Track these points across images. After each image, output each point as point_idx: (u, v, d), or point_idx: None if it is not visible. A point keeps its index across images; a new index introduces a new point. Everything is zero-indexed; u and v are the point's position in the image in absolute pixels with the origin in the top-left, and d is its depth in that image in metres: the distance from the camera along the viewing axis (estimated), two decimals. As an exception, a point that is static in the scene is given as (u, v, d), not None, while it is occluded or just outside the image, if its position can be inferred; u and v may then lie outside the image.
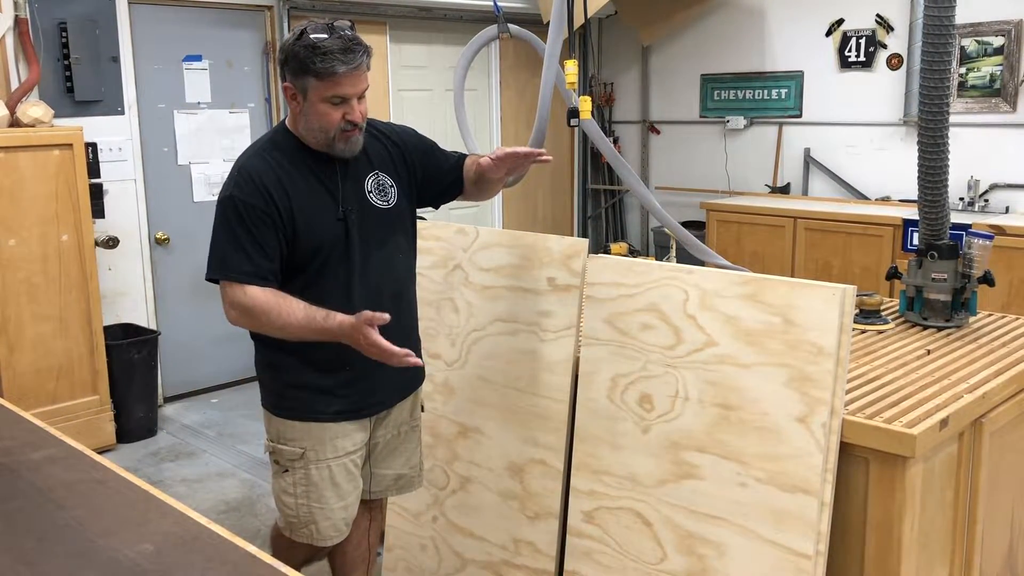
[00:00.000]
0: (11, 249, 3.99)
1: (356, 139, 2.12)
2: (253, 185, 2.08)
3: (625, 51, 7.19)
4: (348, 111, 2.07)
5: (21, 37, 4.28)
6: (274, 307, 2.05)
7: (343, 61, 2.00)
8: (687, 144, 6.97)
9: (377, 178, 2.23)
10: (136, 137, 4.79)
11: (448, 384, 2.67)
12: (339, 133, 2.09)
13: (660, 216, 3.02)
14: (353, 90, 2.05)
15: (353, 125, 2.09)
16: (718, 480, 2.06)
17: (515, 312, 2.49)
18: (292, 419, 2.22)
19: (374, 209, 2.20)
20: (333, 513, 2.25)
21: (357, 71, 2.03)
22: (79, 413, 4.22)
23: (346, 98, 2.05)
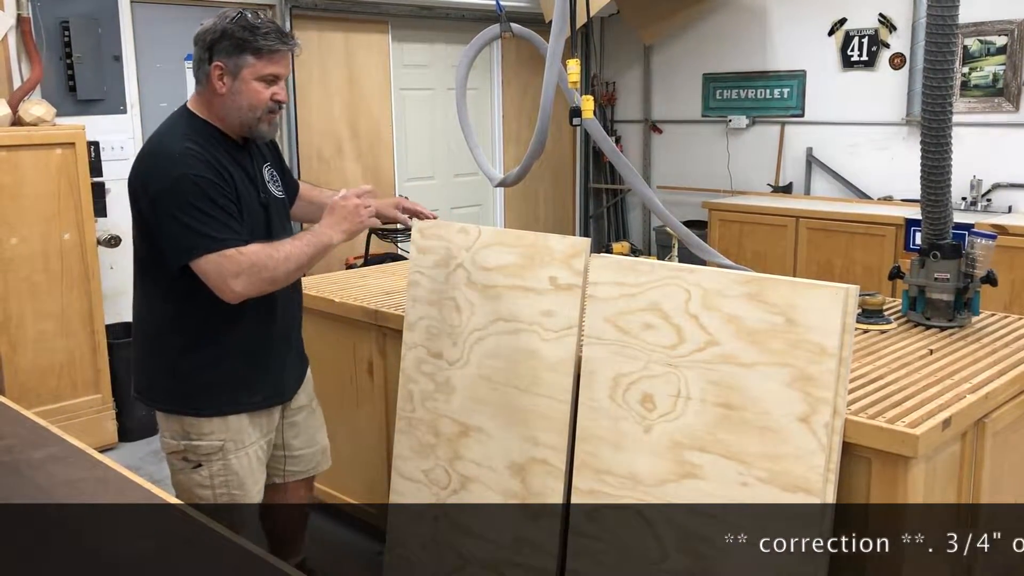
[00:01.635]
0: (13, 247, 3.99)
1: (276, 122, 2.24)
2: (199, 161, 2.08)
3: (627, 50, 7.18)
4: (277, 91, 2.17)
5: (23, 36, 4.29)
6: (270, 252, 2.10)
7: (283, 41, 2.14)
8: (689, 143, 6.97)
9: (270, 168, 2.35)
10: (138, 136, 4.78)
11: (450, 383, 2.66)
12: (265, 114, 2.17)
13: (662, 215, 3.01)
14: (285, 71, 2.17)
15: (279, 105, 2.19)
16: (720, 480, 2.06)
17: (517, 311, 2.49)
18: (209, 416, 2.26)
19: (275, 197, 2.33)
20: (253, 497, 2.35)
21: (288, 52, 2.17)
22: (81, 411, 4.22)
23: (278, 77, 2.16)
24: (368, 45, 5.80)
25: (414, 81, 6.13)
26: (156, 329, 2.28)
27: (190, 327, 2.23)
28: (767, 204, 5.88)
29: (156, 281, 2.24)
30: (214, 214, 2.06)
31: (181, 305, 2.21)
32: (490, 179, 3.38)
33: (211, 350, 2.23)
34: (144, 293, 2.31)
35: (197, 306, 2.17)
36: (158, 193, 2.07)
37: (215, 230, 2.05)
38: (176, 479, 2.34)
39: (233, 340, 2.23)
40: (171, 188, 2.05)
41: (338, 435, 3.16)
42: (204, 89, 2.18)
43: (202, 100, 2.19)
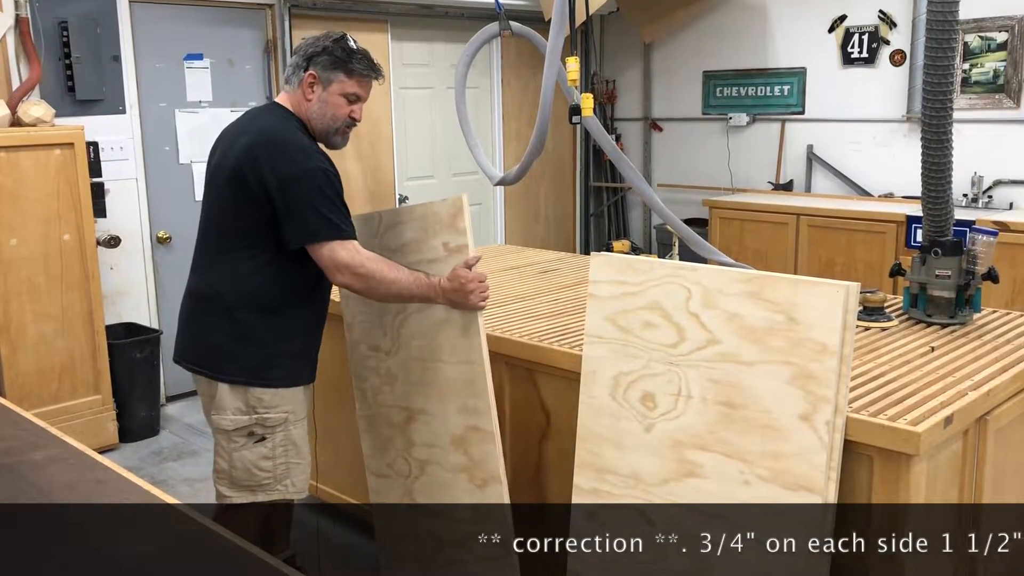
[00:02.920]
0: (13, 249, 3.99)
1: (348, 137, 2.46)
2: (326, 157, 2.35)
3: (627, 48, 7.17)
4: (356, 110, 2.42)
5: (22, 36, 4.28)
6: (383, 263, 2.33)
7: (375, 70, 2.43)
8: (689, 141, 6.96)
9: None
10: (137, 136, 4.78)
11: (390, 372, 2.69)
12: (342, 127, 2.42)
13: (662, 213, 3.01)
14: (366, 95, 2.42)
15: (354, 123, 2.43)
16: (721, 478, 2.06)
17: None
18: (279, 387, 2.40)
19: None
20: (307, 466, 2.53)
21: (372, 82, 2.43)
22: (81, 413, 4.22)
23: (360, 99, 2.41)
24: (367, 44, 5.74)
25: (414, 80, 6.13)
26: (235, 301, 2.37)
27: (275, 300, 2.38)
28: (768, 202, 5.87)
29: (246, 256, 2.36)
30: (339, 205, 2.30)
31: (271, 279, 2.36)
32: (490, 178, 3.38)
33: (289, 323, 2.40)
34: (223, 267, 2.40)
35: (285, 281, 2.37)
36: (290, 177, 2.27)
37: (340, 220, 2.29)
38: (235, 456, 2.43)
39: (305, 316, 2.45)
40: (306, 176, 2.27)
41: (338, 436, 3.16)
42: (293, 92, 2.41)
43: (291, 101, 2.42)
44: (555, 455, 2.62)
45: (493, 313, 2.88)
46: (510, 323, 2.81)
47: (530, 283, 3.38)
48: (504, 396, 2.68)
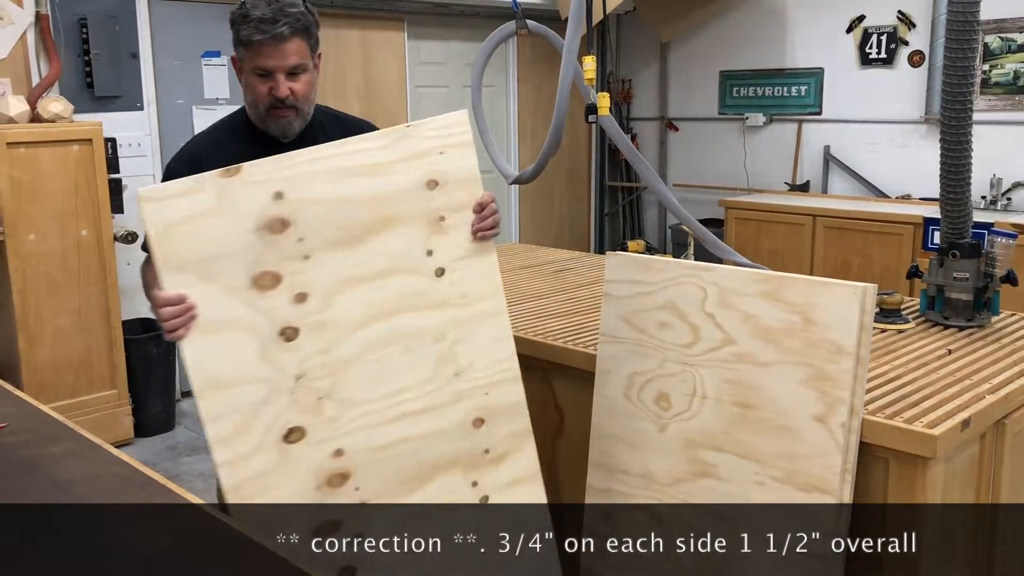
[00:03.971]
0: (31, 244, 4.02)
1: (288, 121, 2.01)
2: (186, 152, 2.10)
3: (644, 47, 7.16)
4: (273, 86, 1.95)
5: (42, 33, 4.31)
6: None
7: (260, 30, 1.90)
8: (706, 141, 6.94)
9: None
10: (155, 133, 4.81)
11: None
12: (267, 111, 1.99)
13: (678, 213, 3.00)
14: (276, 63, 1.93)
15: (280, 102, 1.97)
16: (735, 479, 2.05)
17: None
18: None
19: None
20: None
21: (277, 42, 1.91)
22: (97, 407, 4.25)
23: (269, 71, 1.94)
24: (384, 43, 5.80)
25: (430, 79, 6.14)
26: None
27: None
28: (784, 202, 5.84)
29: None
30: None
31: None
32: (505, 176, 3.38)
33: None
34: None
35: None
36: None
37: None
38: None
39: None
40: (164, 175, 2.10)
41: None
42: None
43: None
44: (568, 454, 2.62)
45: (508, 312, 2.88)
46: (524, 322, 2.81)
47: (544, 282, 3.38)
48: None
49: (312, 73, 2.02)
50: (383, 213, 1.89)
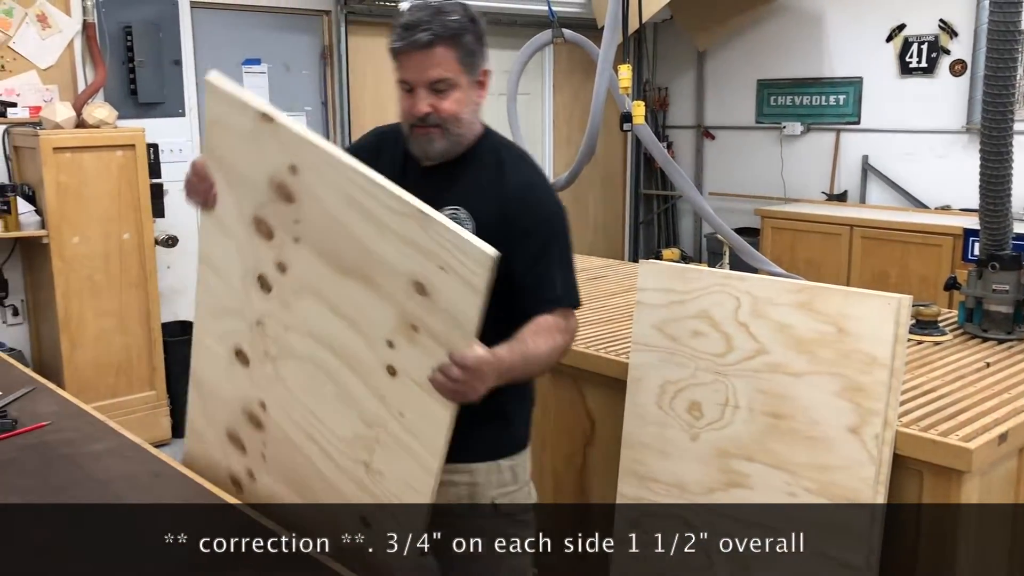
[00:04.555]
0: (75, 247, 4.10)
1: (429, 138, 1.74)
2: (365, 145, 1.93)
3: (680, 56, 7.14)
4: (416, 102, 1.72)
5: (88, 41, 4.41)
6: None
7: (401, 36, 1.71)
8: (742, 150, 6.90)
9: (454, 213, 1.75)
10: (196, 139, 4.89)
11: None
12: (410, 128, 1.76)
13: (713, 222, 3.00)
14: (415, 76, 1.71)
15: (421, 120, 1.73)
16: (767, 489, 2.04)
17: None
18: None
19: None
20: None
21: (415, 51, 1.69)
22: (137, 407, 4.32)
23: (411, 84, 1.73)
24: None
25: (466, 86, 6.17)
26: None
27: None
28: (821, 212, 5.79)
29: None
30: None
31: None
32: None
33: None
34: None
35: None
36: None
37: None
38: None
39: None
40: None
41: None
42: None
43: None
44: (599, 461, 2.62)
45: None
46: (557, 329, 2.82)
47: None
48: (549, 401, 2.69)
49: (465, 91, 1.74)
50: (364, 268, 1.62)
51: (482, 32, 1.77)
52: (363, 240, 1.60)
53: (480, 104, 1.80)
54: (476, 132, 1.81)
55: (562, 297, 1.79)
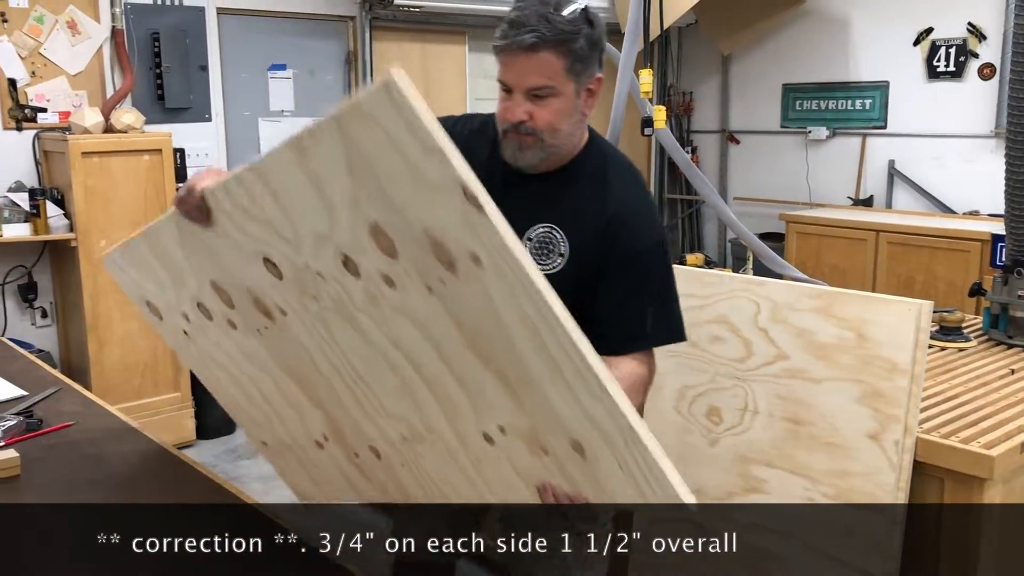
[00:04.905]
0: (103, 250, 4.12)
1: (521, 149, 1.60)
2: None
3: (705, 60, 7.12)
4: (510, 105, 1.59)
5: (117, 47, 4.47)
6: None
7: (503, 34, 1.55)
8: (767, 154, 6.87)
9: (549, 232, 1.65)
10: (222, 143, 4.94)
11: None
12: (504, 131, 1.62)
13: (734, 227, 2.99)
14: (515, 79, 1.57)
15: (514, 127, 1.59)
16: (786, 495, 2.03)
17: None
18: None
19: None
20: None
21: (518, 52, 1.53)
22: (162, 409, 4.37)
23: (511, 88, 1.59)
24: (445, 56, 5.87)
25: (491, 91, 6.18)
26: None
27: None
28: (847, 217, 5.75)
29: None
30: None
31: None
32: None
33: None
34: None
35: None
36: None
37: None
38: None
39: None
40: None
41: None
42: None
43: None
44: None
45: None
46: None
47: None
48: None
49: (569, 99, 1.57)
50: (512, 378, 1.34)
51: (598, 36, 1.58)
52: (528, 366, 1.30)
53: (588, 114, 1.63)
54: (580, 143, 1.66)
55: (650, 336, 1.66)
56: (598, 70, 1.60)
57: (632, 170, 1.70)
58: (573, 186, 1.64)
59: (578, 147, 1.65)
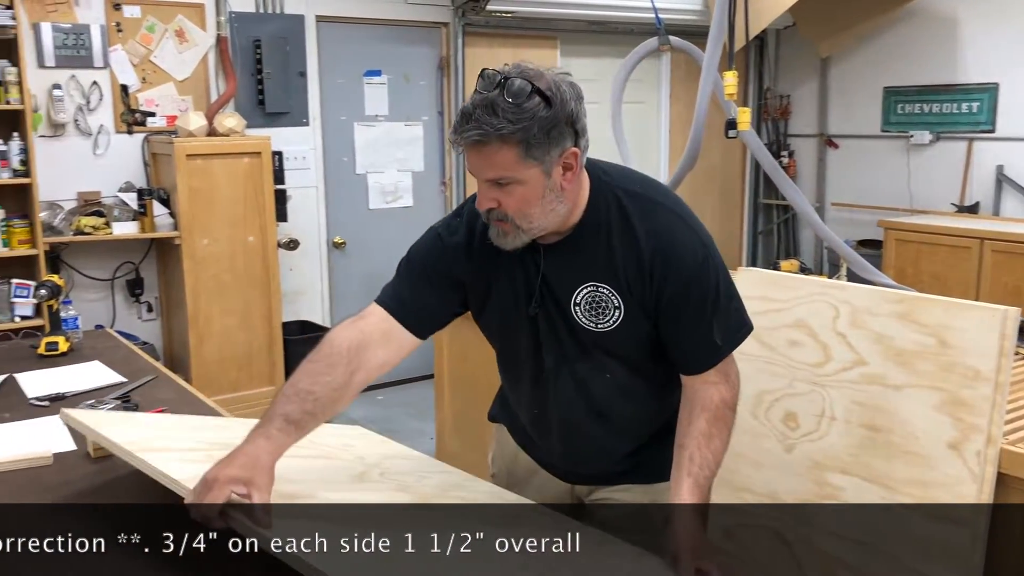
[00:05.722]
0: (204, 248, 4.35)
1: (501, 235, 1.57)
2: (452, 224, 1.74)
3: (803, 63, 6.97)
4: (479, 194, 1.55)
5: (221, 54, 4.67)
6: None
7: (455, 127, 1.50)
8: (867, 159, 6.67)
9: (594, 291, 1.61)
10: (319, 147, 5.10)
11: None
12: (486, 216, 1.58)
13: (821, 231, 2.93)
14: (474, 170, 1.53)
15: (489, 214, 1.55)
16: (862, 503, 1.99)
17: None
18: None
19: (583, 329, 1.64)
20: None
21: (472, 146, 1.48)
22: (256, 402, 4.53)
23: (477, 177, 1.54)
24: (537, 61, 5.87)
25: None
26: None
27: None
28: (949, 224, 5.54)
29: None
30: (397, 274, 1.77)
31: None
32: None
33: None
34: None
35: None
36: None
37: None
38: None
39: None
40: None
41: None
42: None
43: None
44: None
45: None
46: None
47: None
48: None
49: (534, 184, 1.50)
50: None
51: (559, 116, 1.49)
52: None
53: (570, 185, 1.54)
54: (578, 204, 1.59)
55: (721, 347, 1.64)
56: (569, 144, 1.51)
57: (648, 191, 1.64)
58: (598, 237, 1.60)
59: (580, 204, 1.59)
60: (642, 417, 1.74)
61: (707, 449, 1.59)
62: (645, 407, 1.73)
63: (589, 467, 1.81)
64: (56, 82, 4.27)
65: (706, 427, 1.61)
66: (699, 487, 1.56)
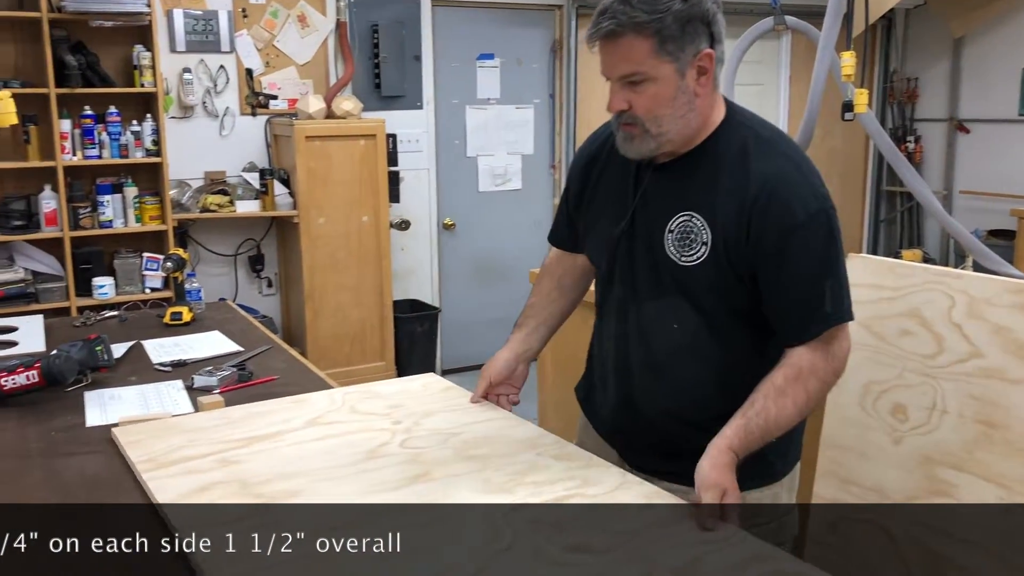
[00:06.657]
0: (321, 226, 4.50)
1: (628, 139, 1.54)
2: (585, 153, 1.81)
3: (934, 44, 6.65)
4: (610, 96, 1.54)
5: (340, 39, 4.80)
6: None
7: (591, 24, 1.51)
8: (1001, 145, 6.32)
9: (689, 221, 1.56)
10: (432, 130, 5.19)
11: None
12: (615, 125, 1.57)
13: (942, 219, 2.81)
14: (606, 68, 1.52)
15: (618, 117, 1.54)
16: (976, 502, 1.90)
17: None
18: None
19: (667, 260, 1.59)
20: None
21: (603, 41, 1.48)
22: (368, 377, 4.65)
23: (606, 78, 1.54)
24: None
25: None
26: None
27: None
28: (1090, 214, 5.21)
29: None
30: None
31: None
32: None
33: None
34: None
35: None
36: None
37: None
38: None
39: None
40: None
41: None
42: None
43: None
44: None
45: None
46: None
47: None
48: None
49: (670, 82, 1.48)
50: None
51: (694, 11, 1.47)
52: None
53: (703, 93, 1.51)
54: (707, 122, 1.55)
55: (830, 315, 1.52)
56: (704, 45, 1.48)
57: (777, 137, 1.58)
58: (711, 168, 1.55)
59: (708, 126, 1.56)
60: (703, 388, 1.62)
61: (772, 401, 1.49)
62: (707, 374, 1.62)
63: (635, 439, 1.75)
64: (186, 66, 4.48)
65: (782, 382, 1.51)
66: (747, 431, 1.48)
